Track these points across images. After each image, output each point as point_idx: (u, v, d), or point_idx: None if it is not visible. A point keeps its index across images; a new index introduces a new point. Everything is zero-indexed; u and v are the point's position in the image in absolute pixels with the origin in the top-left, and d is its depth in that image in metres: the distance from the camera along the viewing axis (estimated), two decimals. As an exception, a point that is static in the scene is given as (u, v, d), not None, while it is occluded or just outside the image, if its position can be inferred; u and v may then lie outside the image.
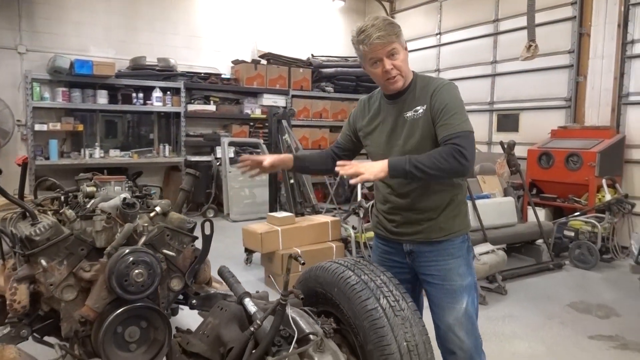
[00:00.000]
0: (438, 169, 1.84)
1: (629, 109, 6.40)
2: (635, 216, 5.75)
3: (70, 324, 1.65)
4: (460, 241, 2.10)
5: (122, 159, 7.88)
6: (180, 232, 1.85)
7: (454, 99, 1.95)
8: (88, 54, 7.78)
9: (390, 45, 1.91)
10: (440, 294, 2.07)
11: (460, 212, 2.10)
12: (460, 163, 1.84)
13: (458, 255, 2.08)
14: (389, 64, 1.93)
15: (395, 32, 1.92)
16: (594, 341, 3.59)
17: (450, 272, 2.05)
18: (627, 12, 6.33)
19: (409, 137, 2.01)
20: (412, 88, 2.04)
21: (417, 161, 1.83)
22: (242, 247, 5.28)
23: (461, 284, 2.05)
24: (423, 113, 1.98)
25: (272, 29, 9.72)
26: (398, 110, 2.06)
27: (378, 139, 2.13)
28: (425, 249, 2.08)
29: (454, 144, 1.85)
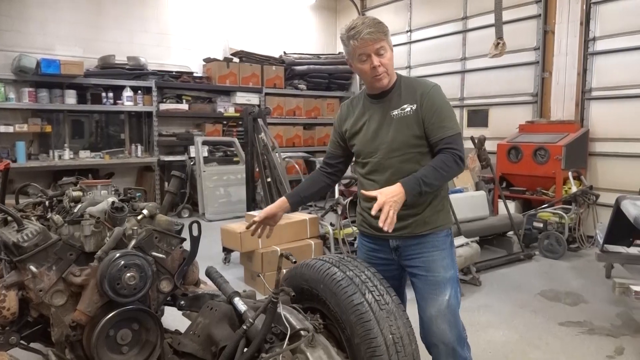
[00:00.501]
0: (444, 178, 2.00)
1: (592, 103, 6.66)
2: (600, 206, 5.99)
3: (61, 329, 1.65)
4: (445, 235, 2.17)
5: (93, 160, 7.72)
6: (168, 234, 1.87)
7: (444, 102, 2.06)
8: (54, 53, 7.58)
9: (379, 43, 1.97)
10: (424, 285, 2.12)
11: (444, 207, 2.17)
12: (459, 167, 1.99)
13: (442, 247, 2.14)
14: (377, 60, 1.99)
15: (383, 30, 1.99)
16: (564, 327, 3.76)
17: (435, 263, 2.11)
18: (589, 10, 6.58)
19: (396, 134, 2.06)
20: (397, 88, 2.10)
21: (427, 179, 1.93)
22: (219, 247, 5.28)
23: (445, 276, 2.11)
24: (412, 112, 2.04)
25: (244, 26, 9.67)
26: (384, 109, 2.11)
27: (364, 137, 2.17)
28: (411, 242, 2.14)
29: (452, 149, 1.97)
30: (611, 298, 4.18)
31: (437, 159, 1.99)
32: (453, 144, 1.99)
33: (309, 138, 10.12)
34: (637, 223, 3.35)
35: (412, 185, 1.92)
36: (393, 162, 2.09)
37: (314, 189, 2.36)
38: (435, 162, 1.98)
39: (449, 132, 2.00)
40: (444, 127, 2.00)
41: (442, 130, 2.00)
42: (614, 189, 6.06)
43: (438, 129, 2.00)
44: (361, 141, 2.18)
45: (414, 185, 1.92)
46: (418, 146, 2.07)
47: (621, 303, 4.14)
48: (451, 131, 2.01)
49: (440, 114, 2.01)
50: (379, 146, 2.11)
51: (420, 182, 1.93)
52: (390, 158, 2.09)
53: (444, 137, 1.99)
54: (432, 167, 1.97)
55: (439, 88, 2.10)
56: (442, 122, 2.01)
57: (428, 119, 2.02)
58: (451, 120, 2.03)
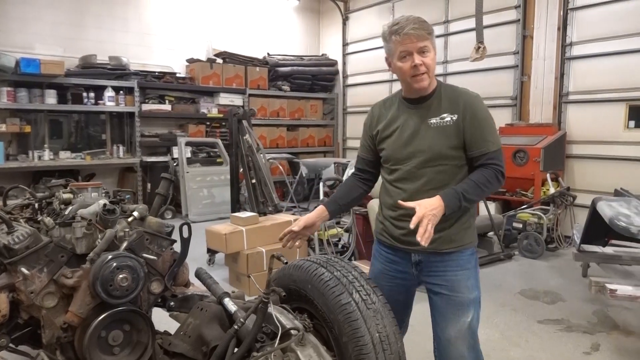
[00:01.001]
0: (484, 194, 1.92)
1: (569, 107, 6.84)
2: (577, 207, 6.16)
3: (52, 331, 1.66)
4: (470, 253, 2.05)
5: (74, 161, 7.62)
6: (159, 236, 1.88)
7: (487, 114, 1.96)
8: (33, 52, 7.46)
9: (422, 41, 1.87)
10: (446, 305, 2.01)
11: (471, 224, 2.05)
12: (500, 183, 1.91)
13: (467, 267, 2.02)
14: (419, 59, 1.87)
15: (428, 29, 1.88)
16: (543, 325, 3.87)
17: (459, 283, 2.00)
18: (566, 16, 6.76)
19: (433, 144, 1.93)
20: (437, 95, 1.98)
21: (468, 194, 1.85)
22: (203, 248, 5.27)
23: (468, 297, 2.00)
24: (453, 122, 1.92)
25: (227, 27, 9.66)
26: (421, 116, 1.98)
27: (396, 143, 2.03)
28: (435, 259, 2.01)
29: (495, 164, 1.89)
30: (588, 296, 4.31)
31: (478, 174, 1.90)
32: (496, 160, 1.90)
33: (292, 139, 10.16)
34: (612, 224, 3.48)
35: (452, 200, 1.83)
36: (426, 172, 1.96)
37: (351, 197, 2.25)
38: (477, 177, 1.89)
39: (492, 147, 1.91)
40: (487, 142, 1.91)
41: (485, 144, 1.90)
42: (590, 191, 6.24)
43: (480, 143, 1.91)
44: (392, 146, 2.04)
45: (454, 200, 1.84)
46: (454, 158, 1.94)
47: (597, 301, 4.27)
48: (494, 146, 1.91)
49: (483, 127, 1.91)
50: (413, 154, 1.97)
51: (460, 196, 1.84)
52: (424, 168, 1.96)
53: (487, 152, 1.90)
54: (474, 182, 1.88)
55: (481, 99, 1.98)
56: (485, 136, 1.91)
57: (470, 132, 1.91)
58: (494, 135, 1.94)
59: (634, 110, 6.20)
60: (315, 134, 10.55)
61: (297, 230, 2.11)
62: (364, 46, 10.08)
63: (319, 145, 10.64)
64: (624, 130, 6.27)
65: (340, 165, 8.55)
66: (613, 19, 6.28)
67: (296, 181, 8.59)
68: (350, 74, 10.62)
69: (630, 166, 6.16)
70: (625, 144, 6.22)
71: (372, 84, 9.94)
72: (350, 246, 5.02)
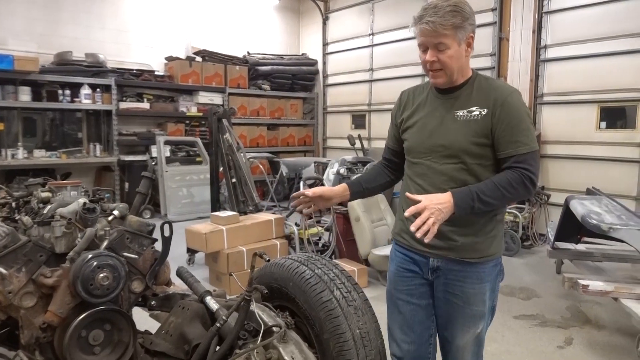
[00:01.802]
0: (505, 199, 1.70)
1: (544, 108, 7.01)
2: (551, 206, 6.32)
3: (31, 331, 1.64)
4: (493, 265, 1.87)
5: (49, 160, 7.47)
6: (140, 234, 1.87)
7: (522, 112, 1.75)
8: (6, 48, 7.28)
9: (438, 37, 1.70)
10: (459, 315, 1.89)
11: (498, 233, 1.87)
12: (528, 191, 1.71)
13: (487, 280, 1.86)
14: (433, 55, 1.73)
15: (452, 23, 1.68)
16: (519, 320, 3.97)
17: (475, 297, 1.85)
18: (541, 20, 6.91)
19: (456, 138, 1.77)
20: (469, 86, 1.81)
21: (484, 195, 1.66)
22: (183, 248, 5.23)
23: (483, 310, 1.87)
24: (481, 117, 1.75)
25: (206, 25, 9.60)
26: (447, 107, 1.82)
27: (418, 134, 1.88)
28: (455, 267, 1.85)
29: (524, 168, 1.69)
30: (561, 292, 4.44)
31: (501, 176, 1.71)
32: (525, 163, 1.69)
33: (272, 138, 10.15)
34: (584, 221, 3.58)
35: (463, 198, 1.66)
36: (447, 169, 1.79)
37: (377, 183, 2.10)
38: (499, 179, 1.70)
39: (523, 149, 1.70)
40: (518, 143, 1.70)
41: (515, 145, 1.71)
42: (564, 189, 6.40)
43: (510, 144, 1.71)
44: (414, 138, 1.90)
45: (465, 199, 1.66)
46: (479, 157, 1.77)
47: (570, 296, 4.40)
48: (525, 148, 1.70)
49: (515, 126, 1.71)
50: (434, 148, 1.82)
51: (474, 196, 1.66)
52: (445, 164, 1.80)
53: (516, 154, 1.70)
54: (494, 183, 1.69)
55: (519, 95, 1.79)
56: (515, 136, 1.71)
57: (500, 131, 1.72)
58: (527, 135, 1.72)
59: (605, 112, 6.40)
60: (295, 133, 10.56)
61: (311, 195, 1.95)
62: (344, 46, 10.13)
63: (299, 144, 10.66)
64: (595, 131, 6.46)
65: (321, 164, 8.58)
66: (586, 23, 6.45)
67: (276, 180, 8.58)
68: (330, 73, 10.66)
69: (601, 166, 6.34)
70: (597, 144, 6.40)
71: (352, 83, 10.00)
72: (330, 245, 5.05)
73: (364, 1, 9.57)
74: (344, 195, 2.03)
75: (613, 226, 3.45)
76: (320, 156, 10.72)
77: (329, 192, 1.99)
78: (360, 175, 2.17)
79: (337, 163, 6.97)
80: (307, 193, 1.96)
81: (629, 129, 6.19)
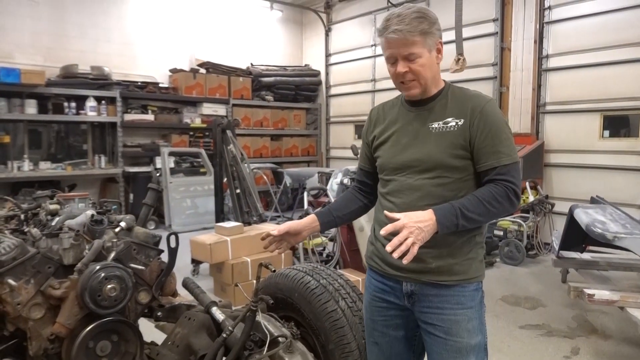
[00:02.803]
0: (490, 215, 1.58)
1: (546, 117, 7.02)
2: (555, 215, 6.30)
3: (39, 342, 1.65)
4: (473, 289, 1.70)
5: (54, 172, 7.53)
6: (146, 246, 1.89)
7: (501, 121, 1.65)
8: (13, 61, 7.38)
9: (407, 47, 1.59)
10: (441, 350, 1.67)
11: (477, 255, 1.72)
12: (513, 205, 1.59)
13: (469, 305, 1.68)
14: (404, 66, 1.62)
15: (420, 29, 1.59)
16: (524, 330, 3.95)
17: (458, 325, 1.65)
18: (542, 30, 6.96)
19: (433, 152, 1.65)
20: (443, 97, 1.71)
21: (468, 211, 1.54)
22: (187, 258, 5.25)
23: (469, 343, 1.66)
24: (458, 128, 1.64)
25: (210, 37, 9.69)
26: (421, 120, 1.71)
27: (390, 150, 1.76)
28: (430, 292, 1.68)
29: (507, 181, 1.58)
30: (567, 301, 4.42)
31: (484, 190, 1.59)
32: (507, 175, 1.58)
33: (276, 149, 10.20)
34: (589, 230, 3.58)
35: (446, 215, 1.52)
36: (423, 185, 1.67)
37: (349, 209, 1.94)
38: (482, 194, 1.57)
39: (504, 160, 1.59)
40: (499, 153, 1.60)
41: (496, 156, 1.60)
42: (568, 198, 6.40)
43: (491, 155, 1.60)
44: (387, 153, 1.77)
45: (448, 216, 1.52)
46: (458, 170, 1.65)
47: (576, 306, 4.38)
48: (507, 159, 1.60)
49: (495, 136, 1.61)
50: (409, 163, 1.69)
51: (458, 212, 1.53)
52: (421, 179, 1.67)
53: (497, 166, 1.59)
54: (477, 198, 1.56)
55: (495, 104, 1.70)
56: (496, 147, 1.60)
57: (479, 141, 1.61)
58: (508, 145, 1.62)
59: (608, 120, 6.41)
60: (298, 143, 10.60)
61: (277, 234, 1.79)
62: (347, 57, 10.20)
63: (303, 154, 10.69)
64: (599, 140, 6.46)
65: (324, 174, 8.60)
66: (587, 33, 6.49)
67: (280, 191, 8.61)
68: (333, 84, 10.72)
69: (605, 174, 6.34)
70: (601, 152, 6.41)
71: (355, 94, 10.06)
72: (335, 255, 5.05)
73: (366, 12, 9.65)
74: (313, 227, 1.86)
75: (618, 235, 3.44)
76: (324, 166, 10.74)
77: (295, 226, 1.83)
78: (331, 203, 2.02)
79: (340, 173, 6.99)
80: (272, 233, 1.80)
81: (632, 138, 6.20)
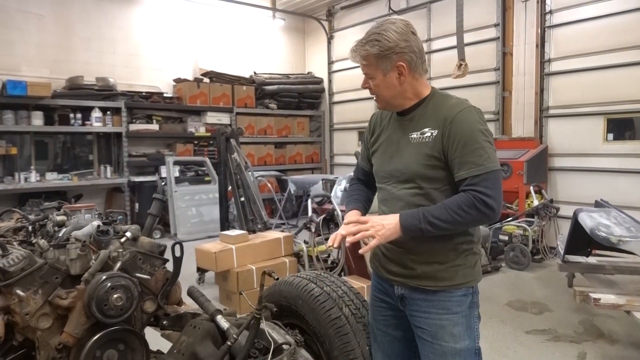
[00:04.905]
0: (457, 222, 1.58)
1: (550, 121, 7.02)
2: (560, 219, 6.29)
3: (47, 352, 1.67)
4: (461, 294, 1.71)
5: (61, 182, 7.59)
6: (151, 255, 1.91)
7: (475, 131, 1.62)
8: (20, 74, 7.49)
9: (363, 67, 1.73)
10: (428, 352, 1.73)
11: (466, 262, 1.73)
12: (483, 214, 1.57)
13: (455, 311, 1.70)
14: (365, 82, 1.77)
15: (371, 52, 1.67)
16: (531, 335, 3.94)
17: (442, 330, 1.69)
18: (544, 34, 6.97)
19: (409, 162, 1.70)
20: (425, 106, 1.73)
21: (432, 216, 1.57)
22: (192, 267, 5.27)
23: (453, 347, 1.68)
24: (432, 139, 1.66)
25: (214, 47, 9.78)
26: (403, 130, 1.76)
27: (381, 158, 1.83)
28: (418, 296, 1.74)
29: (476, 191, 1.56)
30: (573, 306, 4.40)
31: (452, 199, 1.61)
32: (478, 186, 1.56)
33: (280, 156, 10.24)
34: (593, 234, 3.57)
35: (409, 219, 1.59)
36: (404, 194, 1.72)
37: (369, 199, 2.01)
38: (450, 202, 1.60)
39: (475, 171, 1.58)
40: (469, 164, 1.58)
41: (467, 167, 1.59)
42: (573, 202, 6.38)
43: (461, 166, 1.60)
44: (377, 162, 1.85)
45: (411, 219, 1.59)
46: (434, 180, 1.67)
47: (583, 310, 4.36)
48: (477, 169, 1.58)
49: (464, 146, 1.59)
50: (392, 172, 1.76)
51: (421, 217, 1.58)
52: (402, 189, 1.73)
53: (468, 177, 1.59)
54: (444, 206, 1.59)
55: (471, 111, 1.67)
56: (467, 157, 1.59)
57: (451, 153, 1.62)
58: (481, 155, 1.59)
59: (612, 123, 6.40)
60: (302, 151, 10.65)
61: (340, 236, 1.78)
62: (349, 64, 10.12)
63: (307, 162, 10.73)
64: (603, 143, 6.45)
65: (328, 181, 8.63)
66: (589, 37, 6.50)
67: (285, 198, 8.63)
68: (336, 91, 10.77)
69: (609, 178, 6.32)
70: (605, 156, 6.40)
71: (358, 100, 10.09)
72: (339, 262, 5.06)
73: (368, 20, 9.69)
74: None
75: (622, 238, 3.43)
76: (328, 173, 10.77)
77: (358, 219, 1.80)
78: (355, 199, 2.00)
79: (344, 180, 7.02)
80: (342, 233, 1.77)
81: (637, 140, 6.19)
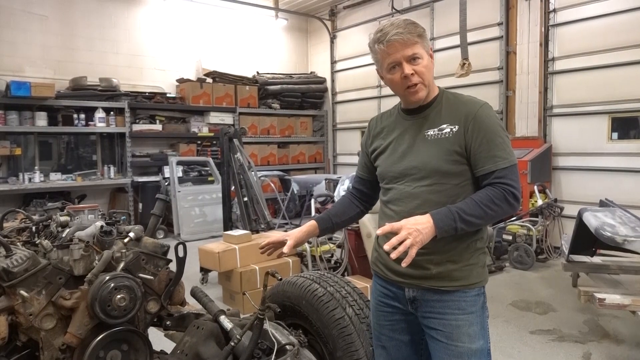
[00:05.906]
0: (489, 217, 1.60)
1: (554, 120, 7.00)
2: (565, 218, 6.27)
3: (51, 352, 1.68)
4: (475, 294, 1.71)
5: (65, 183, 7.62)
6: (155, 256, 1.92)
7: (496, 125, 1.67)
8: (24, 75, 7.52)
9: (410, 48, 1.64)
10: (443, 354, 1.69)
11: (479, 260, 1.73)
12: (512, 206, 1.61)
13: (470, 310, 1.69)
14: (409, 68, 1.64)
15: (417, 32, 1.66)
16: (535, 335, 3.92)
17: (459, 330, 1.67)
18: (547, 33, 6.95)
19: (429, 159, 1.68)
20: (438, 103, 1.75)
21: (466, 214, 1.56)
22: (196, 267, 5.28)
23: (469, 347, 1.66)
24: (453, 135, 1.66)
25: (217, 47, 9.79)
26: (418, 127, 1.74)
27: (389, 158, 1.80)
28: (432, 297, 1.70)
29: (505, 184, 1.59)
30: (578, 306, 4.38)
31: (482, 193, 1.61)
32: (506, 178, 1.60)
33: (283, 156, 10.24)
34: (598, 233, 3.54)
35: (443, 219, 1.55)
36: (421, 192, 1.69)
37: (347, 216, 2.01)
38: (480, 196, 1.59)
39: (502, 164, 1.61)
40: (496, 158, 1.62)
41: (493, 161, 1.62)
42: (577, 201, 6.36)
43: (487, 160, 1.62)
44: (385, 162, 1.81)
45: (446, 219, 1.55)
46: (454, 176, 1.67)
47: (587, 310, 4.34)
48: (504, 162, 1.61)
49: (491, 140, 1.63)
50: (406, 171, 1.73)
51: (455, 216, 1.55)
52: (419, 187, 1.70)
53: (496, 170, 1.61)
54: (475, 201, 1.58)
55: (490, 108, 1.71)
56: (493, 151, 1.62)
57: (475, 147, 1.64)
58: (504, 149, 1.64)
59: (616, 122, 6.37)
60: (305, 150, 10.64)
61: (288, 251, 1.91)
62: (352, 64, 10.24)
63: (310, 161, 10.73)
64: (607, 142, 6.42)
65: (331, 181, 8.62)
66: (593, 35, 6.47)
67: (288, 198, 8.63)
68: (339, 91, 10.76)
69: (614, 177, 6.29)
70: (609, 155, 6.37)
71: (361, 100, 10.09)
72: (343, 262, 5.06)
73: (370, 19, 9.69)
74: (313, 234, 1.98)
75: (628, 238, 3.41)
76: (331, 173, 10.77)
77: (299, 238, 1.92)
78: (329, 209, 2.09)
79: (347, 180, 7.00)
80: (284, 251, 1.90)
81: (641, 139, 6.16)
